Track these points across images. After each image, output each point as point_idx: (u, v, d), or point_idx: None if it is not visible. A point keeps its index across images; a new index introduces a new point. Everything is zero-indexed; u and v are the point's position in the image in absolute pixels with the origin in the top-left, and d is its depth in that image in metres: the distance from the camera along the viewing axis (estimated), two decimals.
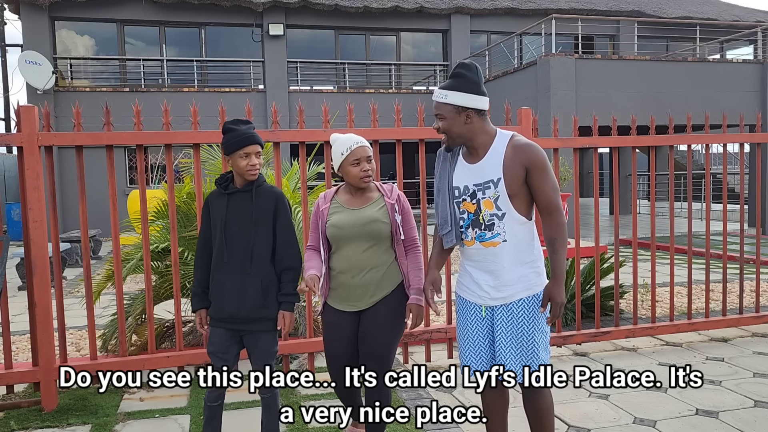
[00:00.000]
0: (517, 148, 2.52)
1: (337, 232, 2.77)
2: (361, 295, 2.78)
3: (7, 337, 3.85)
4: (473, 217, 2.59)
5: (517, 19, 17.70)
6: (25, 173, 3.74)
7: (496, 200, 2.52)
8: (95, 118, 13.40)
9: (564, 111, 11.99)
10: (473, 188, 2.58)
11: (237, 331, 2.83)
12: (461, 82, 2.53)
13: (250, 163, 2.78)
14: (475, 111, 2.54)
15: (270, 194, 2.85)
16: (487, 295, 2.61)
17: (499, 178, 2.51)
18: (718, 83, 13.32)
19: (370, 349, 2.77)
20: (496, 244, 2.56)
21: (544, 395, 2.65)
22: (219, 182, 2.91)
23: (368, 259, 2.76)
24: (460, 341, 2.75)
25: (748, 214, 13.74)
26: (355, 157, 2.75)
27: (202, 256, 2.91)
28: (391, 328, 2.78)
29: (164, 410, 3.77)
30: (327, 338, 2.87)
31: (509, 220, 2.53)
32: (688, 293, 5.03)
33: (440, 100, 2.56)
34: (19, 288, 8.26)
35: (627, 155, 17.49)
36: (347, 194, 2.87)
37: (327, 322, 2.87)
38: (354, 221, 2.75)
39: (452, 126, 2.56)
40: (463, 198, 2.61)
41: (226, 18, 16.10)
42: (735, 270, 7.97)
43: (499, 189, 2.51)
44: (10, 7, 15.40)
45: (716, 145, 5.18)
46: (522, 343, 2.55)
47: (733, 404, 3.68)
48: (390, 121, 14.47)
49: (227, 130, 2.81)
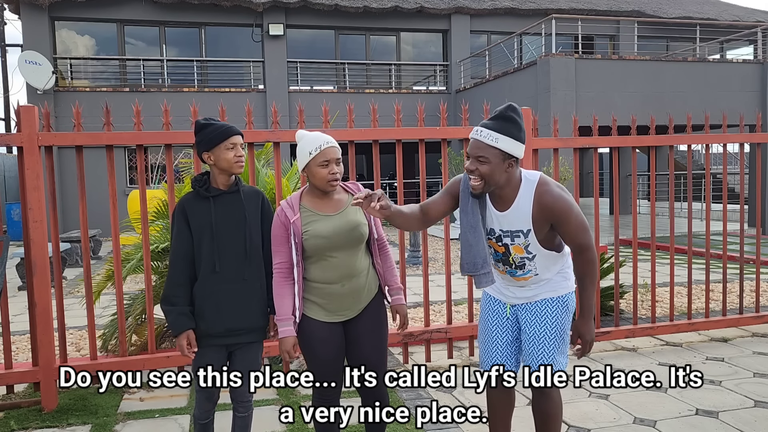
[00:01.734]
0: (542, 202, 2.42)
1: (322, 243, 2.52)
2: (351, 304, 2.62)
3: (7, 337, 3.85)
4: (502, 257, 2.57)
5: (517, 19, 17.70)
6: (25, 173, 3.74)
7: (527, 247, 2.49)
8: (95, 118, 13.38)
9: (564, 111, 11.98)
10: (500, 232, 2.52)
11: (229, 346, 2.65)
12: (513, 128, 2.36)
13: (237, 153, 2.58)
14: (515, 159, 2.41)
15: (254, 193, 2.71)
16: (513, 295, 2.63)
17: (529, 229, 2.46)
18: (718, 83, 13.32)
19: (368, 356, 2.66)
20: (528, 278, 2.58)
21: (551, 398, 2.62)
22: (197, 184, 2.64)
23: (355, 265, 2.59)
24: (483, 338, 2.72)
25: (748, 214, 13.74)
26: (324, 158, 2.50)
27: (186, 268, 2.59)
28: (382, 331, 2.71)
29: (164, 410, 3.77)
30: (316, 346, 2.60)
31: (540, 258, 2.52)
32: (688, 293, 5.03)
33: (489, 143, 2.35)
34: (19, 288, 8.26)
35: (627, 155, 17.49)
36: (314, 198, 2.60)
37: (315, 336, 2.60)
38: (339, 228, 2.54)
39: (494, 173, 2.37)
40: (489, 237, 2.57)
41: (226, 18, 16.10)
42: (735, 270, 7.97)
43: (530, 238, 2.47)
44: (10, 7, 15.40)
45: (716, 145, 5.18)
46: (543, 343, 2.54)
47: (733, 404, 3.68)
48: (390, 121, 14.46)
49: (204, 126, 2.60)
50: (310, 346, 2.62)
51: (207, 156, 2.59)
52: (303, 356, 2.67)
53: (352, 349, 2.67)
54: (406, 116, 15.55)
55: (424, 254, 4.46)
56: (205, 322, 2.59)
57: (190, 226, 2.60)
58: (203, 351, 2.62)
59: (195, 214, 2.60)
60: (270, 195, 4.83)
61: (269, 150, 5.35)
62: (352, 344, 2.67)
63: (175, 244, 2.62)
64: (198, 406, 2.71)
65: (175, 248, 2.61)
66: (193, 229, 2.59)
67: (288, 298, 2.58)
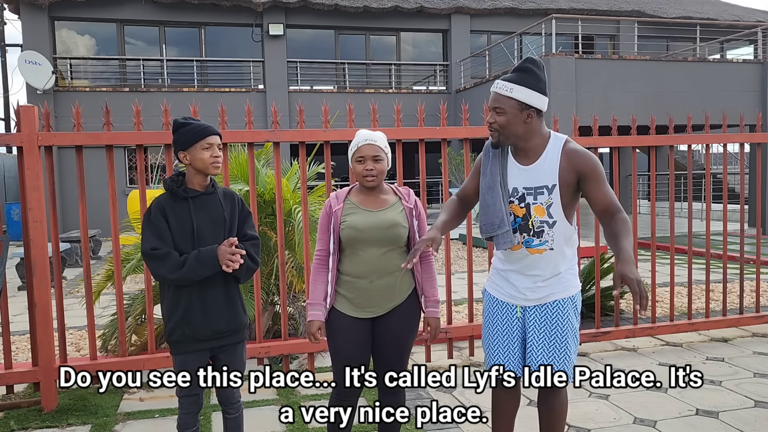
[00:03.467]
0: (571, 154, 2.41)
1: (354, 234, 2.60)
2: (379, 300, 2.65)
3: (7, 337, 3.85)
4: (521, 222, 2.49)
5: (517, 19, 17.70)
6: (25, 173, 3.74)
7: (548, 207, 2.43)
8: (95, 118, 13.30)
9: (564, 111, 11.97)
10: (523, 191, 2.46)
11: (213, 349, 2.62)
12: (529, 78, 2.37)
13: (213, 154, 2.52)
14: (536, 111, 2.41)
15: (229, 195, 2.68)
16: (524, 296, 2.55)
17: (554, 184, 2.41)
18: (718, 83, 13.32)
19: (390, 357, 2.71)
20: (543, 251, 2.48)
21: (559, 397, 2.61)
22: (174, 185, 2.55)
23: (387, 263, 2.63)
24: (489, 341, 2.66)
25: (748, 214, 13.73)
26: (360, 155, 2.61)
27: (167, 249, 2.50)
28: (409, 335, 2.73)
29: (164, 410, 3.76)
30: (339, 342, 2.67)
31: (559, 228, 2.45)
32: (689, 293, 5.03)
33: (504, 93, 2.38)
34: (19, 288, 8.25)
35: (627, 155, 17.48)
36: (361, 194, 2.71)
37: (339, 326, 2.67)
38: (374, 223, 2.61)
39: (511, 123, 2.39)
40: (511, 200, 2.49)
41: (226, 18, 16.10)
42: (735, 270, 7.96)
43: (553, 196, 2.42)
44: (10, 7, 15.40)
45: (716, 145, 5.18)
46: (555, 344, 2.50)
47: (733, 404, 3.68)
48: (390, 121, 14.41)
49: (182, 125, 2.54)
50: (334, 338, 2.69)
51: (183, 155, 2.55)
52: (328, 348, 2.71)
53: (377, 347, 2.72)
54: (406, 116, 15.48)
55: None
56: (192, 326, 2.54)
57: (170, 227, 2.52)
58: (186, 356, 2.58)
59: (173, 215, 2.53)
60: (270, 195, 4.83)
61: (269, 150, 5.35)
62: (377, 342, 2.71)
63: (149, 237, 2.49)
64: (184, 413, 2.64)
65: (153, 238, 2.49)
66: (172, 230, 2.52)
67: (322, 284, 2.68)
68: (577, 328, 2.57)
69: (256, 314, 4.16)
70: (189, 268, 2.45)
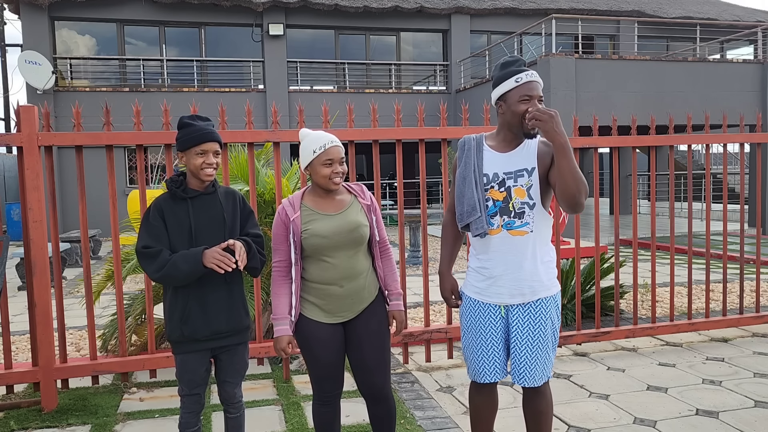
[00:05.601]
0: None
1: (321, 242, 2.51)
2: (350, 305, 2.59)
3: (7, 337, 3.85)
4: (501, 205, 2.52)
5: (517, 19, 17.70)
6: (25, 173, 3.74)
7: (529, 189, 2.49)
8: (95, 118, 13.38)
9: (564, 111, 11.98)
10: (503, 176, 2.52)
11: (214, 349, 2.61)
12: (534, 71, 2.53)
13: (206, 161, 2.50)
14: None
15: (230, 194, 2.66)
16: (507, 291, 2.52)
17: (533, 167, 2.50)
18: (718, 83, 13.32)
19: (367, 357, 2.62)
20: (524, 233, 2.50)
21: (545, 396, 2.61)
22: (174, 185, 2.56)
23: (355, 266, 2.57)
24: (472, 348, 2.61)
25: (748, 214, 13.74)
26: (328, 157, 2.51)
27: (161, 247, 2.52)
28: (385, 334, 2.67)
29: (164, 410, 3.76)
30: (316, 350, 2.58)
31: (538, 211, 2.51)
32: (689, 293, 5.03)
33: (541, 84, 2.48)
34: (19, 288, 8.25)
35: (627, 155, 17.49)
36: (317, 197, 2.60)
37: (313, 335, 2.58)
38: (337, 228, 2.53)
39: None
40: (491, 185, 2.54)
41: (226, 18, 16.10)
42: (735, 270, 7.97)
43: (533, 178, 2.49)
44: (10, 7, 15.40)
45: (716, 145, 5.18)
46: (538, 344, 2.51)
47: (734, 404, 3.68)
48: (390, 121, 14.47)
49: (183, 125, 2.53)
50: (309, 347, 2.59)
51: (180, 156, 2.56)
52: (302, 357, 2.65)
53: (353, 350, 2.63)
54: (406, 116, 15.56)
55: (424, 254, 4.46)
56: (191, 326, 2.53)
57: (167, 227, 2.52)
58: (187, 356, 2.57)
59: (172, 215, 2.52)
60: (270, 195, 4.83)
61: (269, 150, 5.35)
62: (352, 346, 2.63)
63: (144, 236, 2.50)
64: (186, 412, 2.64)
65: (146, 237, 2.50)
66: (170, 230, 2.52)
67: (285, 297, 2.58)
68: (558, 326, 2.59)
69: (256, 314, 4.16)
70: (171, 266, 2.44)
